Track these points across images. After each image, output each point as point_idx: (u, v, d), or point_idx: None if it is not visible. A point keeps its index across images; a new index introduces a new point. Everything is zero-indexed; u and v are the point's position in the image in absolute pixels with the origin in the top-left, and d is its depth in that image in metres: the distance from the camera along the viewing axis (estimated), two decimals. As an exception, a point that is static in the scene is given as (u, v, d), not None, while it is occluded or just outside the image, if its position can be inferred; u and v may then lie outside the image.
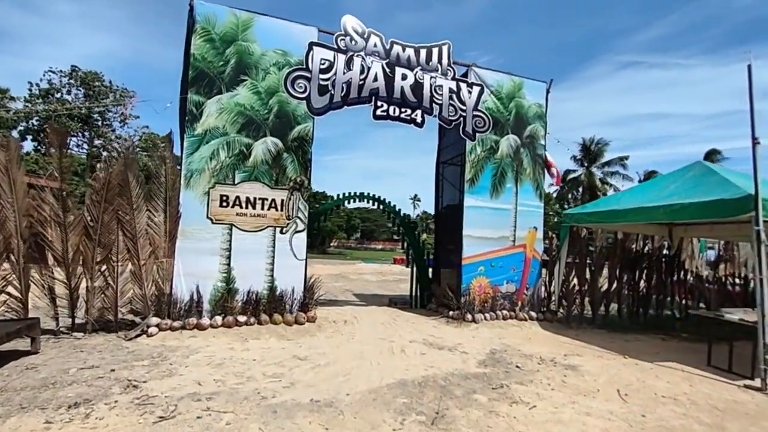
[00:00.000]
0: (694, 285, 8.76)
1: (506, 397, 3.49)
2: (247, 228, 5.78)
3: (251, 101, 5.89)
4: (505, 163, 7.37)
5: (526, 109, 7.64)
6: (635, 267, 7.99)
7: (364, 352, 4.71)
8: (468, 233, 6.97)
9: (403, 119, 6.66)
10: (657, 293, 8.23)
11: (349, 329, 5.91)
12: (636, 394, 3.81)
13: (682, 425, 3.19)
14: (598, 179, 40.28)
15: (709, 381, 4.33)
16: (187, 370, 3.76)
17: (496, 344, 5.44)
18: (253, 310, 5.61)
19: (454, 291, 7.04)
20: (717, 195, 4.94)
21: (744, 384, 4.24)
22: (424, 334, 5.78)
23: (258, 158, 5.89)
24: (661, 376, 4.42)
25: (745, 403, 3.73)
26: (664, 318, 8.11)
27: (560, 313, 7.37)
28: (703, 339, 6.48)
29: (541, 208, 7.62)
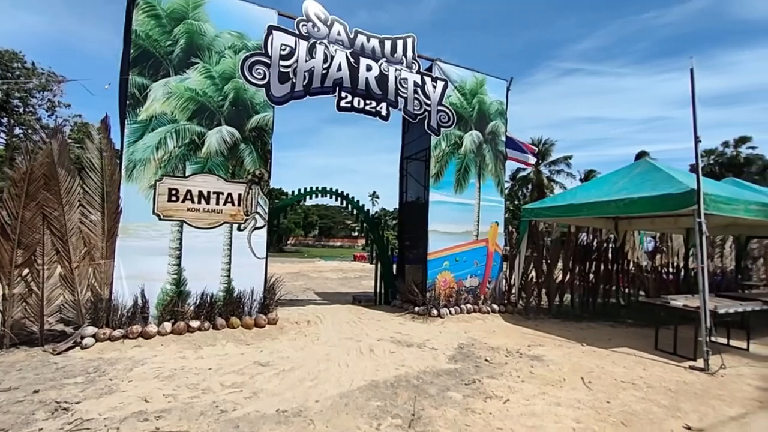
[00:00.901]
0: (636, 274, 9.48)
1: (480, 393, 3.45)
2: (200, 225, 5.29)
3: (204, 86, 5.40)
4: (469, 159, 7.44)
5: (488, 105, 7.76)
6: (586, 259, 8.46)
7: (331, 354, 4.49)
8: (433, 228, 6.95)
9: (368, 111, 6.47)
10: (604, 283, 8.78)
11: (313, 330, 5.64)
12: (598, 380, 3.95)
13: (643, 409, 3.33)
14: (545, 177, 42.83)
15: (659, 364, 4.62)
16: (130, 385, 3.31)
17: (463, 338, 5.45)
18: (207, 313, 5.16)
19: (420, 286, 7.00)
20: (663, 190, 5.29)
21: (689, 365, 4.57)
22: (391, 332, 5.66)
23: (212, 149, 5.41)
24: (617, 361, 4.64)
25: (692, 384, 4.01)
26: (611, 306, 8.68)
27: (520, 305, 7.60)
28: (646, 324, 7.01)
29: (502, 203, 7.79)
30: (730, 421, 3.20)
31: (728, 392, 3.81)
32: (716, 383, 4.04)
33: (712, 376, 4.25)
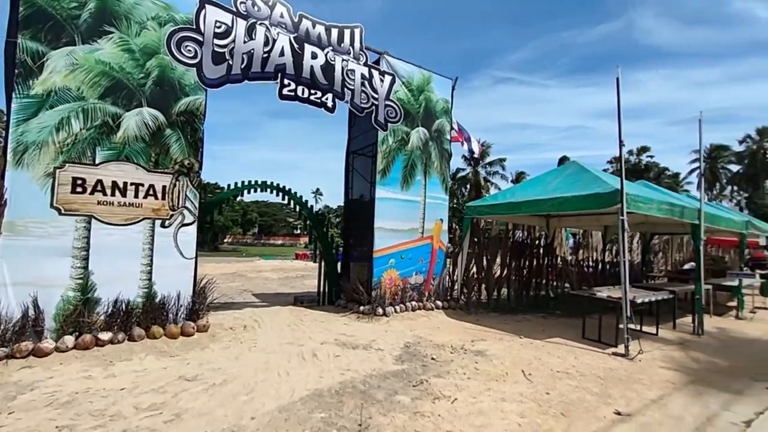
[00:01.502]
0: (562, 268, 10.26)
1: (428, 394, 3.37)
2: (114, 220, 4.58)
3: (121, 60, 4.66)
4: (415, 156, 7.42)
5: (434, 103, 7.81)
6: (522, 255, 8.94)
7: (270, 362, 4.13)
8: (380, 225, 6.82)
9: (313, 102, 6.12)
10: (537, 277, 9.37)
11: (249, 336, 5.19)
12: (537, 372, 4.10)
13: (579, 397, 3.49)
14: (482, 177, 45.34)
15: (587, 352, 4.95)
16: (10, 419, 2.69)
17: (408, 337, 5.39)
18: (122, 323, 4.47)
19: (365, 285, 6.84)
20: (592, 190, 5.70)
21: (612, 352, 4.96)
22: (335, 334, 5.42)
23: (130, 133, 4.70)
24: (552, 352, 4.89)
25: (617, 369, 4.33)
26: (541, 298, 9.29)
27: (462, 300, 7.80)
28: (573, 315, 7.58)
29: (446, 201, 7.91)
30: (652, 404, 3.48)
31: (647, 376, 4.17)
32: (636, 368, 4.41)
33: (632, 361, 4.65)
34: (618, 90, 5.38)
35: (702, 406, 3.47)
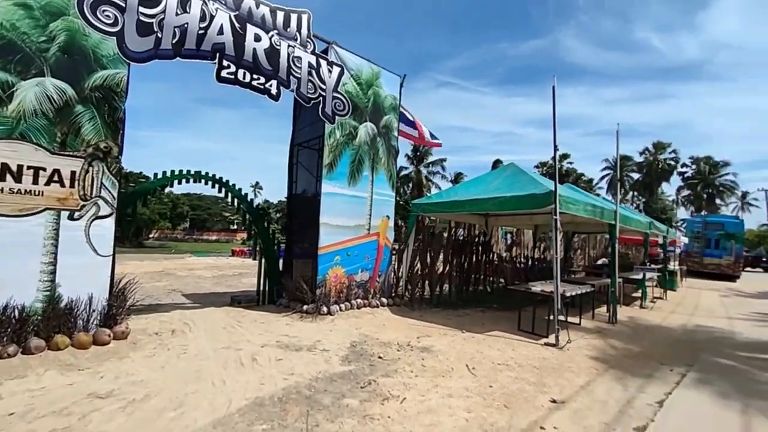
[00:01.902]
0: (498, 264, 10.88)
1: (377, 395, 3.28)
2: (4, 211, 3.82)
3: (13, 17, 3.88)
4: (363, 151, 7.29)
5: (383, 98, 7.74)
6: (463, 252, 9.29)
7: (203, 370, 3.75)
8: (325, 221, 6.58)
9: (256, 88, 5.69)
10: (476, 273, 9.80)
11: (179, 341, 4.69)
12: (480, 365, 4.23)
13: (518, 388, 3.65)
14: (424, 177, 46.75)
15: (523, 344, 5.24)
16: None
17: (354, 336, 5.27)
18: (14, 334, 3.75)
19: (309, 283, 6.58)
20: (530, 190, 6.05)
21: (544, 342, 5.31)
22: (277, 335, 5.11)
23: (28, 106, 3.94)
24: (492, 345, 5.10)
25: (550, 359, 4.64)
26: (479, 293, 9.74)
27: (406, 297, 7.87)
28: (508, 308, 8.04)
29: (393, 198, 7.91)
30: (581, 390, 3.75)
31: (575, 364, 4.52)
32: (566, 357, 4.76)
33: (561, 350, 5.01)
34: (554, 98, 5.74)
35: (622, 389, 3.83)
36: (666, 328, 7.02)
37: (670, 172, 48.42)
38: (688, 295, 12.07)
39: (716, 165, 47.02)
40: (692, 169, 48.22)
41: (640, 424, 3.06)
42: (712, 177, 46.95)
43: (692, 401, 3.57)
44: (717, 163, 46.99)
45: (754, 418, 3.23)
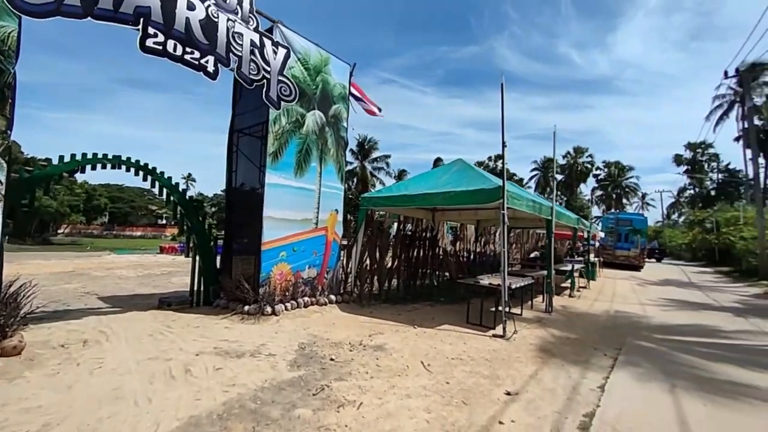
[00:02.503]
0: (444, 259, 11.11)
1: (331, 402, 3.03)
2: None
3: None
4: (311, 140, 6.89)
5: (332, 86, 7.37)
6: (411, 246, 9.29)
7: (123, 387, 3.19)
8: (269, 215, 6.10)
9: (189, 63, 5.03)
10: (423, 267, 9.89)
11: (92, 354, 3.99)
12: (434, 362, 4.16)
13: (474, 383, 3.63)
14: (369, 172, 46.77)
15: (473, 336, 5.31)
16: None
17: (303, 337, 4.93)
18: None
19: (251, 281, 6.06)
20: (479, 185, 6.14)
21: (492, 334, 5.44)
22: (215, 341, 4.59)
23: None
24: (444, 339, 5.09)
25: (499, 351, 4.73)
26: (426, 287, 9.86)
27: (355, 293, 7.65)
28: (454, 301, 8.21)
29: (342, 191, 7.61)
30: (531, 380, 3.85)
31: (523, 354, 4.66)
32: (513, 347, 4.90)
33: (509, 341, 5.16)
34: (502, 95, 5.87)
35: (566, 377, 4.00)
36: (593, 315, 7.63)
37: (587, 174, 54.11)
38: (606, 284, 13.38)
39: (623, 169, 53.54)
40: (604, 172, 54.34)
41: (588, 410, 3.18)
42: (620, 179, 53.34)
43: (627, 384, 3.82)
44: (624, 168, 53.53)
45: (681, 397, 3.54)
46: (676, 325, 6.93)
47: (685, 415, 3.12)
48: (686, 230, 38.22)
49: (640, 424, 2.97)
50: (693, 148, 45.00)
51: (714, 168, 44.67)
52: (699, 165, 45.16)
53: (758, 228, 17.39)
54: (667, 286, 13.89)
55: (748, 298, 11.41)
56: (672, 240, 40.59)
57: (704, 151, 44.22)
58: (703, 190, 44.25)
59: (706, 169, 45.04)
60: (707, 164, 45.01)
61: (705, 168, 45.06)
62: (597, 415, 3.09)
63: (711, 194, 42.08)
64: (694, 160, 45.25)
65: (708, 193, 42.93)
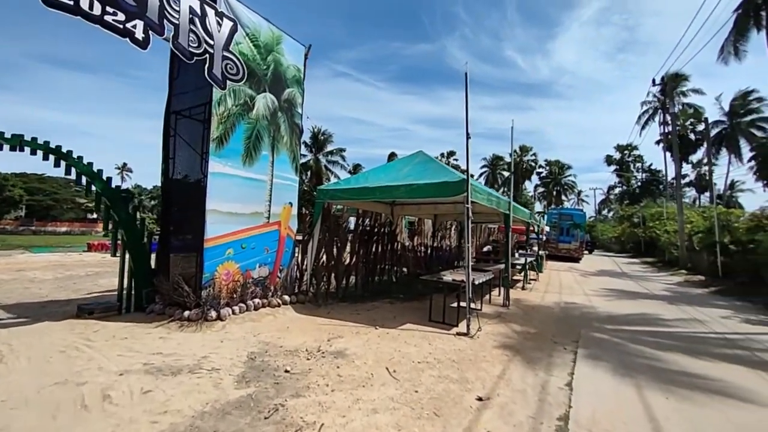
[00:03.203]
0: (402, 254, 10.92)
1: (287, 426, 2.60)
2: None
3: None
4: (262, 126, 6.25)
5: (285, 68, 6.75)
6: (369, 241, 8.96)
7: (12, 428, 2.51)
8: (214, 208, 5.41)
9: (112, 26, 4.20)
10: (381, 263, 9.61)
11: (-23, 381, 3.17)
12: (400, 367, 3.87)
13: (444, 389, 3.38)
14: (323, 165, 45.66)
15: (437, 336, 5.10)
16: None
17: (252, 345, 4.39)
18: None
19: (192, 283, 5.36)
20: (443, 178, 5.93)
21: (456, 332, 5.27)
22: (146, 355, 3.92)
23: None
24: (408, 341, 4.82)
25: (465, 350, 4.55)
26: (384, 283, 9.60)
27: (311, 292, 7.17)
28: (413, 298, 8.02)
29: (296, 183, 7.04)
30: (500, 381, 3.69)
31: (488, 353, 4.52)
32: (478, 346, 4.75)
33: (473, 339, 5.02)
34: (466, 86, 5.69)
35: (533, 375, 3.91)
36: (547, 308, 7.84)
37: (532, 172, 57.45)
38: (552, 277, 14.06)
39: (563, 167, 57.58)
40: (546, 169, 58.02)
41: (561, 413, 3.06)
42: (560, 177, 57.28)
43: (592, 380, 3.80)
44: (564, 166, 57.56)
45: (644, 390, 3.57)
46: (620, 315, 7.30)
47: (653, 411, 3.11)
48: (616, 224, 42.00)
49: (614, 423, 2.89)
50: (621, 150, 49.32)
51: (639, 168, 49.32)
52: (626, 165, 49.63)
53: (679, 223, 19.35)
54: (603, 277, 14.93)
55: (673, 286, 12.56)
56: (603, 233, 44.39)
57: (630, 153, 48.63)
58: (629, 188, 48.69)
59: (632, 169, 49.60)
60: (633, 164, 49.56)
61: (631, 168, 49.60)
62: (571, 416, 2.97)
63: (636, 192, 46.43)
64: (622, 160, 49.64)
65: (634, 191, 47.31)
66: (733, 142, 31.07)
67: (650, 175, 47.13)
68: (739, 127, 30.68)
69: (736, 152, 31.31)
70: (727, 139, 31.73)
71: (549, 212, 29.87)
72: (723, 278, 12.74)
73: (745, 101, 30.34)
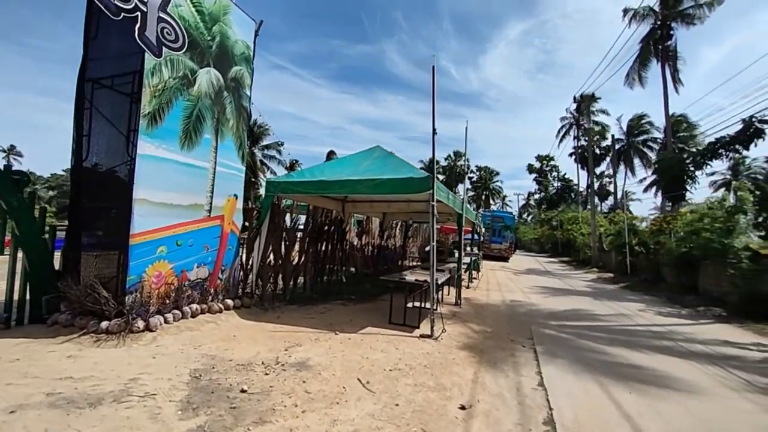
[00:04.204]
0: (351, 253, 10.55)
1: (258, 464, 2.12)
2: None
3: None
4: (204, 105, 5.43)
5: (232, 42, 5.97)
6: (320, 239, 8.44)
7: None
8: (144, 197, 4.53)
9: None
10: (330, 262, 9.14)
11: None
12: (372, 377, 3.54)
13: (424, 399, 3.14)
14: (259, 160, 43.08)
15: (402, 339, 4.85)
16: None
17: (195, 360, 3.71)
18: None
19: (111, 286, 4.42)
20: (408, 174, 5.71)
21: (420, 334, 5.08)
22: (48, 381, 3.05)
23: None
24: (373, 346, 4.49)
25: (433, 354, 4.37)
26: (333, 284, 9.15)
27: (256, 295, 6.47)
28: (367, 298, 7.72)
29: (243, 173, 6.28)
30: (475, 385, 3.56)
31: (456, 355, 4.39)
32: (445, 348, 4.61)
33: (437, 341, 4.87)
34: (433, 78, 5.54)
35: (504, 376, 3.85)
36: (494, 306, 8.07)
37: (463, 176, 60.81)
38: (489, 275, 14.77)
39: (492, 173, 61.83)
40: (477, 175, 61.84)
41: (544, 416, 2.99)
42: (489, 183, 61.44)
43: (560, 379, 3.84)
44: (492, 172, 61.83)
45: (608, 387, 3.69)
46: (559, 311, 7.78)
47: (625, 409, 3.20)
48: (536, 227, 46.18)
49: (598, 425, 2.89)
50: (541, 160, 54.44)
51: (555, 177, 54.79)
52: (545, 174, 54.87)
53: (592, 226, 21.74)
54: (532, 275, 16.13)
55: (591, 283, 13.99)
56: (525, 235, 48.58)
57: (548, 163, 53.88)
58: (547, 195, 53.87)
59: (549, 177, 54.97)
60: (550, 173, 54.94)
61: (549, 176, 54.95)
62: (555, 420, 2.91)
63: (554, 198, 51.51)
64: (542, 169, 54.79)
65: (551, 197, 52.45)
66: (629, 157, 35.94)
67: (564, 184, 52.59)
68: (634, 145, 35.56)
69: (631, 166, 36.30)
70: (625, 155, 36.60)
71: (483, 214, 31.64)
72: (630, 275, 14.51)
73: (639, 123, 35.27)
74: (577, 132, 41.16)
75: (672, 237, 12.03)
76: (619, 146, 37.11)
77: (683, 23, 19.30)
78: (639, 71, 21.17)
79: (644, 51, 20.60)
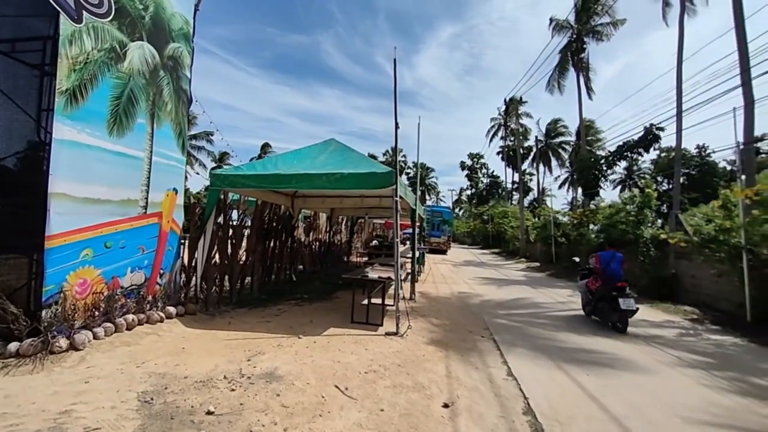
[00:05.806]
0: (299, 250, 10.11)
1: (251, 499, 1.85)
2: None
3: None
4: (137, 85, 4.69)
5: (169, 16, 5.25)
6: (268, 237, 7.92)
7: None
8: (63, 191, 3.76)
9: None
10: (279, 261, 8.65)
11: None
12: (350, 382, 3.37)
13: (407, 401, 3.06)
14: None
15: (369, 339, 4.72)
16: None
17: (140, 380, 3.18)
18: None
19: (22, 299, 3.62)
20: (370, 168, 5.55)
21: (385, 332, 5.00)
22: (-58, 426, 2.38)
23: None
24: (342, 348, 4.30)
25: (403, 351, 4.32)
26: (282, 282, 8.68)
27: (200, 299, 5.85)
28: (320, 297, 7.44)
29: (183, 164, 5.59)
30: (451, 381, 3.58)
31: (425, 351, 4.39)
32: (412, 345, 4.59)
33: (404, 338, 4.83)
34: (395, 73, 5.46)
35: (473, 368, 3.96)
36: (445, 298, 8.32)
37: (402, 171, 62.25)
38: (433, 268, 15.24)
39: (427, 170, 64.14)
40: (413, 170, 63.73)
41: (521, 406, 3.10)
42: (425, 178, 63.62)
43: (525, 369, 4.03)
44: (428, 168, 64.17)
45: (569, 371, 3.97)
46: (505, 300, 8.28)
47: (589, 390, 3.45)
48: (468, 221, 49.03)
49: (571, 409, 3.07)
50: (472, 158, 57.80)
51: (485, 174, 58.57)
52: (475, 171, 58.35)
53: (520, 220, 23.62)
54: (470, 267, 17.04)
55: (523, 272, 15.19)
56: (458, 229, 51.31)
57: (479, 161, 57.41)
58: (478, 191, 57.39)
59: (480, 174, 58.61)
60: (480, 170, 58.59)
61: (479, 173, 58.56)
62: (534, 409, 3.03)
63: (484, 194, 55.04)
64: (473, 167, 58.18)
65: (481, 193, 55.98)
66: (547, 157, 39.73)
67: (493, 180, 56.46)
68: (551, 146, 39.37)
69: (548, 165, 40.18)
70: (543, 155, 40.38)
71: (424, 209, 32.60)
72: (554, 264, 16.05)
73: (556, 126, 39.12)
74: (505, 132, 44.38)
75: (589, 229, 13.55)
76: (539, 146, 40.96)
77: (594, 38, 21.69)
78: (558, 79, 23.33)
79: (563, 61, 22.76)
